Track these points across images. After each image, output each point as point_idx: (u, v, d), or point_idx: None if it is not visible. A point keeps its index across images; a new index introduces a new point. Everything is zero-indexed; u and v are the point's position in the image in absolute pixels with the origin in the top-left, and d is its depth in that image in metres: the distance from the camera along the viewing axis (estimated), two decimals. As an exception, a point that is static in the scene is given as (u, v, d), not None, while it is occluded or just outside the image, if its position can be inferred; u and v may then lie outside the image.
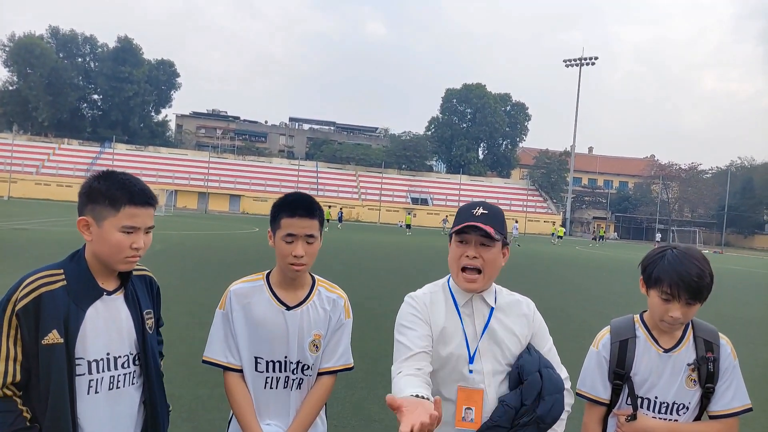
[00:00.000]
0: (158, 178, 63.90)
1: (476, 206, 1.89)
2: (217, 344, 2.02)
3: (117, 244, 1.70)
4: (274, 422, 1.99)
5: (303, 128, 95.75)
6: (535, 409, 1.74)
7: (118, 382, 1.77)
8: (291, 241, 1.94)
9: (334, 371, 2.08)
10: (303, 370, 2.02)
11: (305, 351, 2.00)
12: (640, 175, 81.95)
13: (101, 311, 1.74)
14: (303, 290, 2.05)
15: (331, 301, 2.09)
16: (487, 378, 1.84)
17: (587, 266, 23.18)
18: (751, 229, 73.06)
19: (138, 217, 1.72)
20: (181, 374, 5.16)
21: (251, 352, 1.99)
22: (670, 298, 1.82)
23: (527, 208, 72.55)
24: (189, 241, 20.79)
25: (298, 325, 1.99)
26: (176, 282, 10.45)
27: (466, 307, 1.91)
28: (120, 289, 1.82)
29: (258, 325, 1.98)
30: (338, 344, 2.08)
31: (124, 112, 75.76)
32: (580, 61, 72.79)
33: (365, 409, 4.71)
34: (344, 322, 2.10)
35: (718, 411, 1.91)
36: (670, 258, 1.85)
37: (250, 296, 2.01)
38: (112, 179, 1.74)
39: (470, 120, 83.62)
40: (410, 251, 24.15)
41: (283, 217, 1.95)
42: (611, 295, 13.72)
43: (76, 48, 76.18)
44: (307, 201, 1.99)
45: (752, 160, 79.07)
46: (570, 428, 2.18)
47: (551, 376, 1.81)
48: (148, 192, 1.77)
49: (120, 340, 1.78)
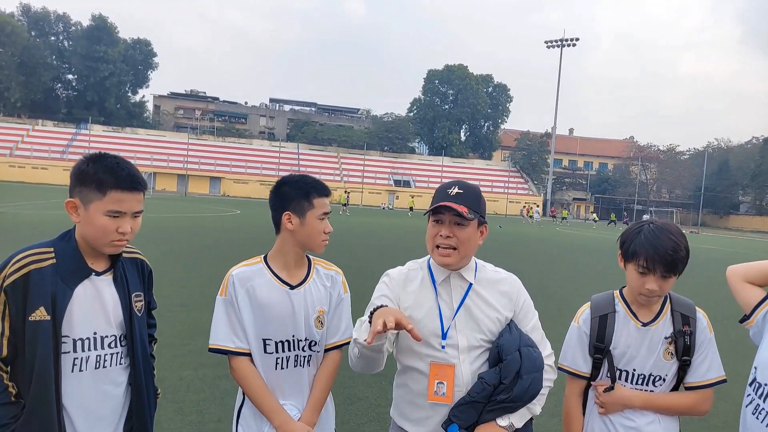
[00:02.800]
0: (136, 161, 62.67)
1: (452, 186, 1.91)
2: (222, 330, 1.99)
3: (102, 228, 1.71)
4: (290, 402, 2.00)
5: (284, 109, 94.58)
6: (513, 387, 1.77)
7: (104, 362, 1.78)
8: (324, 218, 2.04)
9: (339, 345, 2.12)
10: (311, 346, 2.05)
11: (312, 328, 2.03)
12: (619, 156, 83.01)
13: (89, 291, 1.75)
14: (302, 270, 2.08)
15: (330, 277, 2.13)
16: (462, 354, 1.86)
17: (567, 246, 23.50)
18: (726, 210, 74.67)
19: (124, 202, 1.72)
20: (164, 356, 5.15)
21: (259, 335, 1.98)
22: (646, 271, 1.87)
23: (508, 190, 73.07)
24: (169, 224, 20.56)
25: (303, 303, 2.02)
26: (158, 265, 10.27)
27: (444, 283, 1.93)
28: (109, 270, 1.82)
29: (264, 307, 1.98)
30: (341, 319, 2.12)
31: (100, 93, 74.07)
32: (561, 43, 72.95)
33: (348, 388, 4.76)
34: (344, 297, 2.15)
35: (693, 382, 1.97)
36: (646, 233, 1.90)
37: (253, 279, 2.00)
38: (101, 162, 1.72)
39: (452, 101, 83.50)
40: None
41: (314, 196, 2.01)
42: (591, 274, 13.96)
43: (49, 26, 74.04)
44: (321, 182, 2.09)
45: (728, 142, 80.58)
46: (553, 401, 2.23)
47: (530, 355, 1.83)
48: (136, 177, 1.75)
49: (106, 320, 1.78)
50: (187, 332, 5.99)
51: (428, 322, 1.88)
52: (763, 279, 1.89)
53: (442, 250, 1.87)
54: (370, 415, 4.27)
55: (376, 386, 4.86)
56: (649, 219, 2.03)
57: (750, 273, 1.90)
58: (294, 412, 1.98)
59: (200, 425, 3.89)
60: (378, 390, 4.76)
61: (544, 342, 1.97)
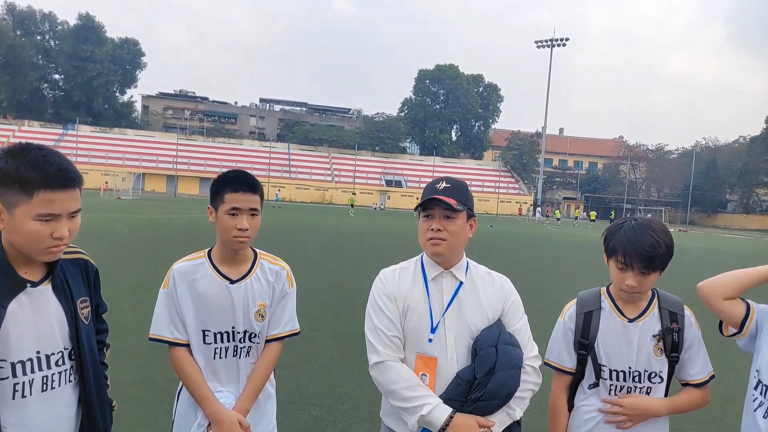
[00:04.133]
0: (125, 161, 62.36)
1: (440, 181, 1.96)
2: (162, 321, 2.06)
3: (33, 235, 1.45)
4: (226, 389, 2.06)
5: (274, 109, 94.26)
6: (487, 383, 1.77)
7: (52, 382, 1.58)
8: (235, 214, 2.00)
9: (281, 337, 2.17)
10: (250, 338, 2.10)
11: (251, 321, 2.08)
12: (609, 156, 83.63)
13: (26, 305, 1.52)
14: (245, 264, 2.12)
15: (274, 272, 2.16)
16: (450, 350, 1.88)
17: (557, 245, 23.64)
18: (714, 208, 75.42)
19: (56, 203, 1.46)
20: (154, 358, 5.12)
21: (198, 327, 2.04)
22: (625, 267, 1.89)
23: (499, 190, 73.37)
24: (159, 225, 20.44)
25: (242, 297, 2.06)
26: (146, 266, 10.30)
27: (435, 280, 1.97)
28: (47, 278, 1.59)
29: (204, 300, 2.04)
30: (283, 312, 2.16)
31: (88, 93, 73.45)
32: (551, 42, 73.26)
33: (340, 388, 4.76)
34: (288, 291, 2.18)
35: (695, 379, 2.01)
36: (626, 229, 1.92)
37: (194, 273, 2.06)
38: (23, 157, 1.43)
39: (443, 101, 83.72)
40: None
41: (228, 192, 2.01)
42: (582, 273, 14.05)
43: (35, 25, 73.24)
44: (251, 177, 2.08)
45: (716, 141, 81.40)
46: (545, 398, 2.24)
47: (507, 352, 1.83)
48: (68, 171, 1.48)
49: (51, 336, 1.57)
50: (178, 333, 5.96)
51: (418, 316, 1.92)
52: (738, 291, 1.86)
53: (433, 240, 1.91)
54: (362, 415, 4.28)
55: (368, 386, 4.86)
56: (633, 216, 2.05)
57: (726, 291, 1.85)
58: (230, 399, 2.04)
59: (191, 426, 3.87)
60: (370, 390, 4.76)
61: (531, 344, 1.98)
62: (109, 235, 15.38)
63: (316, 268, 11.54)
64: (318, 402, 4.44)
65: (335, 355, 5.58)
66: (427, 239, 1.93)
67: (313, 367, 5.23)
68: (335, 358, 5.49)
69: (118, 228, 17.73)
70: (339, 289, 9.43)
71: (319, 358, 5.47)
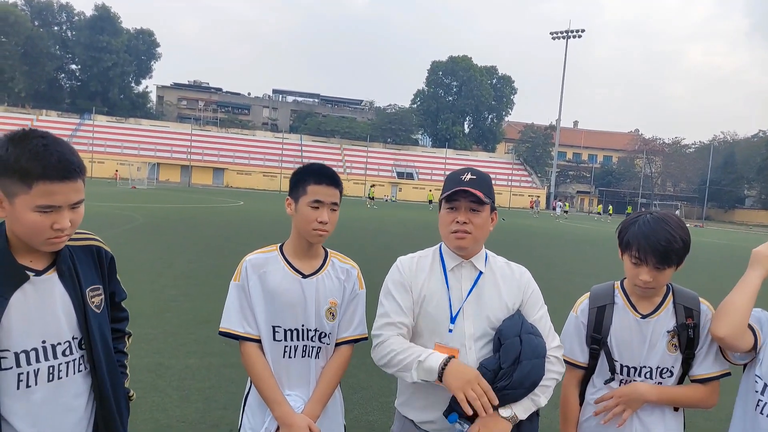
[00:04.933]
0: (140, 151, 62.87)
1: (465, 172, 1.93)
2: (234, 315, 2.00)
3: (33, 226, 1.42)
4: (295, 392, 2.00)
5: (287, 100, 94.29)
6: (513, 373, 1.77)
7: (59, 372, 1.55)
8: (317, 207, 1.97)
9: (351, 341, 2.11)
10: (321, 338, 2.04)
11: (322, 318, 2.02)
12: (624, 149, 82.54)
13: (30, 295, 1.50)
14: (317, 260, 2.08)
15: (345, 271, 2.11)
16: (468, 340, 1.88)
17: (570, 240, 23.47)
18: (731, 204, 74.28)
19: (56, 195, 1.41)
20: (170, 344, 5.19)
21: (269, 322, 1.99)
22: (639, 261, 1.86)
23: (512, 183, 72.89)
24: (173, 214, 20.62)
25: (314, 293, 2.01)
26: (162, 255, 10.38)
27: (454, 270, 1.96)
28: (52, 266, 1.55)
29: (275, 294, 1.99)
30: (354, 314, 2.11)
31: (104, 83, 73.98)
32: (566, 34, 72.41)
33: (352, 377, 4.78)
34: (358, 292, 2.13)
35: (701, 375, 1.94)
36: (641, 223, 1.88)
37: (266, 266, 2.02)
38: (24, 146, 1.39)
39: (456, 93, 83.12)
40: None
41: (310, 184, 1.98)
42: (593, 268, 13.95)
43: (52, 16, 73.82)
44: (332, 171, 2.05)
45: (735, 135, 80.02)
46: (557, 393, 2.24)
47: (531, 341, 1.82)
48: (69, 162, 1.43)
49: (57, 325, 1.54)
50: (192, 321, 6.02)
51: (437, 307, 1.91)
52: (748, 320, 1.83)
53: (458, 233, 1.89)
54: (374, 404, 4.30)
55: (381, 376, 4.88)
56: (649, 210, 2.01)
57: (742, 329, 1.80)
58: (299, 403, 1.97)
59: (206, 412, 3.93)
60: (382, 380, 4.79)
61: (552, 334, 1.96)
62: (125, 224, 15.56)
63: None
64: (330, 391, 4.47)
65: (354, 352, 5.60)
66: (451, 231, 1.90)
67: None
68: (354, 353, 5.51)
69: (133, 216, 17.92)
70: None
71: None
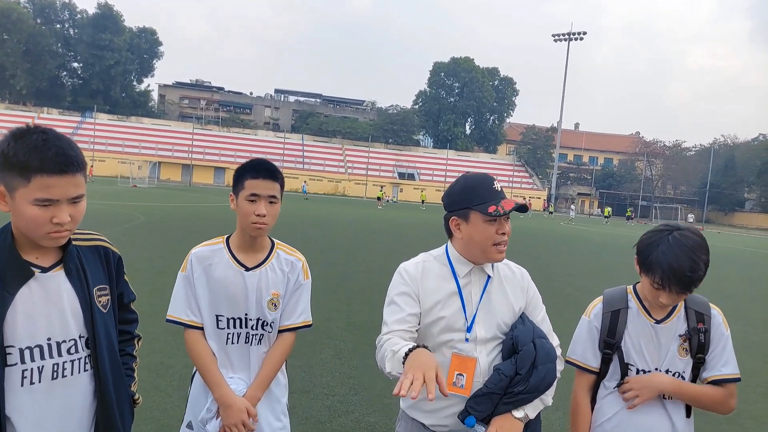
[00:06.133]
0: (141, 149, 62.89)
1: (492, 181, 1.91)
2: (179, 304, 2.11)
3: (33, 220, 1.43)
4: (238, 375, 2.10)
5: (289, 100, 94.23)
6: (529, 378, 1.79)
7: (63, 370, 1.54)
8: (254, 200, 2.02)
9: (294, 328, 2.19)
10: (263, 326, 2.12)
11: (264, 308, 2.11)
12: (625, 152, 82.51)
13: (36, 292, 1.50)
14: (262, 253, 2.15)
15: (290, 263, 2.18)
16: (480, 346, 1.88)
17: (571, 242, 23.47)
18: (731, 207, 74.23)
19: (54, 188, 1.42)
20: (171, 344, 5.19)
21: (212, 311, 2.09)
22: (661, 288, 1.83)
23: (513, 184, 72.85)
24: (174, 213, 20.63)
25: (256, 285, 2.09)
26: (162, 253, 10.41)
27: (466, 277, 1.94)
28: (60, 263, 1.56)
29: (218, 285, 2.08)
30: (297, 303, 2.18)
31: (105, 81, 74.06)
32: (568, 36, 72.36)
33: (354, 378, 4.79)
34: (303, 282, 2.20)
35: (719, 376, 1.93)
36: (664, 248, 1.80)
37: (211, 258, 2.11)
38: (24, 141, 1.41)
39: (458, 94, 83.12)
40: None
41: (247, 178, 2.03)
42: (597, 269, 13.95)
43: (54, 14, 73.89)
44: (271, 165, 2.10)
45: (735, 138, 79.92)
46: (557, 395, 2.24)
47: (544, 346, 1.85)
48: (67, 156, 1.43)
49: (63, 323, 1.54)
50: (193, 321, 6.02)
51: (452, 316, 1.89)
52: None
53: (501, 247, 1.88)
54: (376, 405, 4.30)
55: (381, 377, 4.85)
56: (669, 225, 1.92)
57: None
58: (241, 386, 2.07)
59: (207, 413, 3.92)
60: (383, 381, 4.79)
61: (552, 334, 1.99)
62: (126, 222, 15.57)
63: (330, 258, 11.59)
64: (331, 392, 4.47)
65: (348, 346, 5.62)
66: (493, 244, 1.86)
67: (326, 357, 5.27)
68: (348, 349, 5.52)
69: (134, 215, 17.93)
70: (352, 282, 9.46)
71: (332, 348, 5.51)
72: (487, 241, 1.86)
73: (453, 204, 1.94)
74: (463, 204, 1.89)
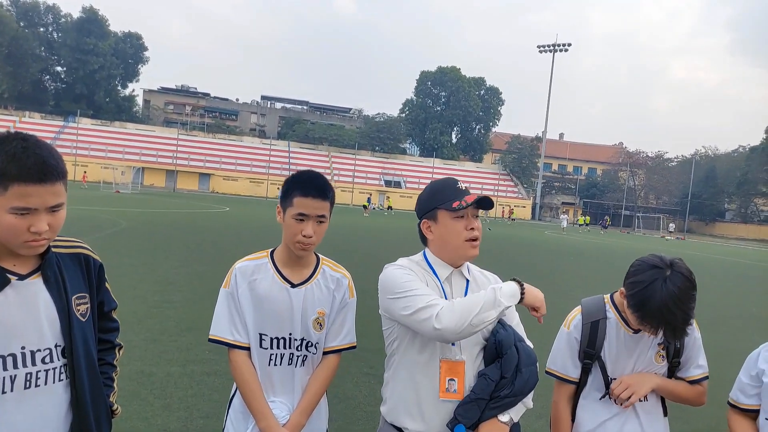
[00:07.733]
0: (125, 155, 62.22)
1: (456, 182, 1.96)
2: (223, 322, 1.98)
3: (10, 228, 1.40)
4: (279, 399, 1.99)
5: (275, 107, 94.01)
6: (514, 381, 1.81)
7: (37, 380, 1.50)
8: (302, 220, 1.92)
9: (339, 350, 2.09)
10: (307, 347, 2.02)
11: (309, 328, 2.00)
12: (608, 162, 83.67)
13: (12, 299, 1.47)
14: (308, 269, 2.05)
15: (336, 280, 2.08)
16: (465, 351, 1.88)
17: (553, 250, 23.65)
18: (712, 217, 75.48)
19: (32, 197, 1.38)
20: (151, 352, 5.12)
21: (256, 329, 1.98)
22: (653, 333, 1.85)
23: (498, 193, 73.33)
24: (158, 219, 20.42)
25: (302, 303, 1.99)
26: (145, 260, 10.26)
27: (446, 281, 1.95)
28: (37, 271, 1.53)
29: (263, 302, 1.97)
30: (343, 323, 2.09)
31: (89, 86, 73.21)
32: (553, 48, 73.34)
33: (338, 387, 4.75)
34: (348, 301, 2.10)
35: (695, 377, 2.04)
36: (658, 302, 1.77)
37: (255, 273, 2.00)
38: (3, 148, 1.38)
39: (444, 103, 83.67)
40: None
41: (297, 195, 1.92)
42: (576, 278, 14.07)
43: (38, 17, 73.00)
44: (322, 181, 1.98)
45: (716, 150, 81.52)
46: (540, 403, 2.25)
47: (526, 349, 1.87)
48: (46, 165, 1.40)
49: (38, 332, 1.50)
50: (175, 328, 5.96)
51: None
52: None
53: (474, 242, 1.90)
54: (358, 414, 4.28)
55: (365, 385, 4.87)
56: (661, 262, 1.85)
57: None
58: (284, 410, 1.96)
59: (188, 421, 3.88)
60: (366, 389, 4.77)
61: (526, 339, 2.01)
62: (109, 228, 15.37)
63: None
64: (314, 400, 4.44)
65: (341, 361, 5.56)
66: (466, 240, 1.88)
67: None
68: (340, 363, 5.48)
69: (117, 221, 17.70)
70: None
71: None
72: (458, 238, 1.88)
73: (423, 209, 1.98)
74: (431, 205, 1.94)
